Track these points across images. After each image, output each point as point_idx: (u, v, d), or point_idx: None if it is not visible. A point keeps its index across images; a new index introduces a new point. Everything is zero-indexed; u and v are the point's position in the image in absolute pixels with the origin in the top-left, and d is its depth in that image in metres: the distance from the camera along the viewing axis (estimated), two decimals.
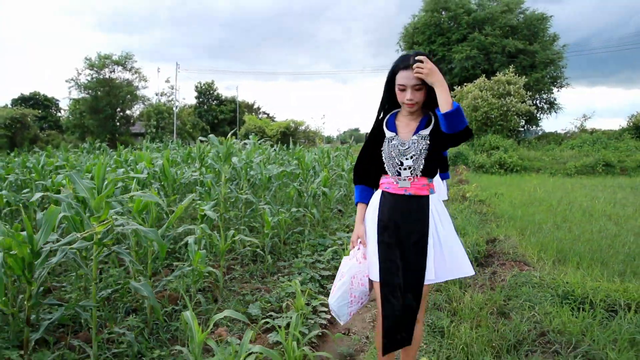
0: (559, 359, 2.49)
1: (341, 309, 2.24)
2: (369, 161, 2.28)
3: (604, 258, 4.67)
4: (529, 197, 9.92)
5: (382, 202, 2.19)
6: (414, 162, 2.10)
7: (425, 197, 2.15)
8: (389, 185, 2.19)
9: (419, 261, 2.09)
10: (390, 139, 2.18)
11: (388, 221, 2.15)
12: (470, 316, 3.11)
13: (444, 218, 2.18)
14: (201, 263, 3.36)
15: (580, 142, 20.05)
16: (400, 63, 2.09)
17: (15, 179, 5.62)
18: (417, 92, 2.06)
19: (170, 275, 3.32)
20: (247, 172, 5.43)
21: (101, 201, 2.48)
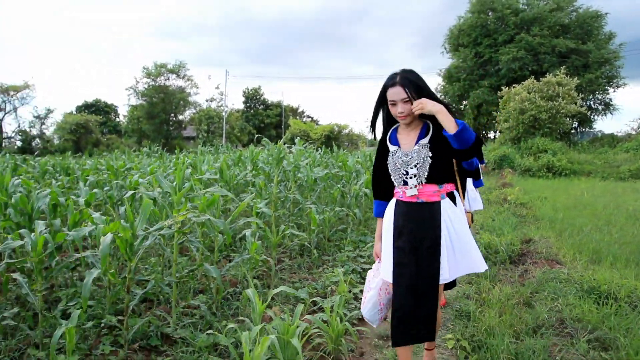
0: (571, 340, 2.78)
1: (373, 316, 2.46)
2: (381, 176, 2.44)
3: (636, 254, 4.78)
4: (574, 200, 9.83)
5: (396, 210, 2.33)
6: (419, 170, 2.21)
7: (437, 202, 2.24)
8: (399, 194, 2.33)
9: (433, 265, 2.20)
10: (394, 152, 2.31)
11: (403, 227, 2.28)
12: (497, 305, 3.43)
13: (457, 221, 2.26)
14: (257, 252, 3.88)
15: (636, 145, 19.18)
16: (388, 82, 2.25)
17: (95, 179, 6.42)
18: (406, 104, 2.19)
19: (232, 262, 3.86)
20: (295, 174, 5.95)
21: (181, 197, 3.05)
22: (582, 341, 2.74)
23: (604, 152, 19.61)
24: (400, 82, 2.19)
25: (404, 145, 2.30)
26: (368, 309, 2.45)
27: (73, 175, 7.91)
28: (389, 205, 2.43)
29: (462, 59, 30.61)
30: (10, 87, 38.90)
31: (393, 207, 2.37)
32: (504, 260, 4.82)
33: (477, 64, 29.85)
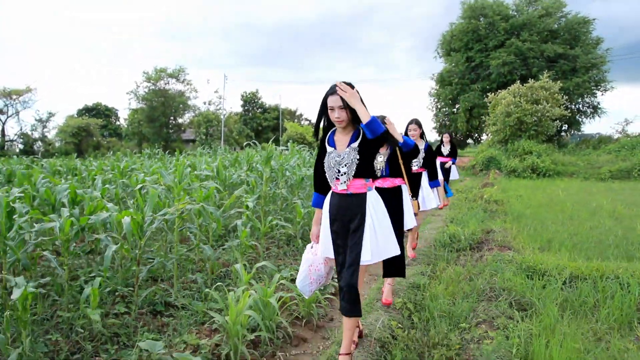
0: (496, 303, 3.42)
1: (304, 288, 2.91)
2: (320, 172, 2.82)
3: (583, 246, 5.44)
4: (548, 199, 10.49)
5: (331, 200, 2.75)
6: (348, 169, 2.61)
7: (363, 194, 2.66)
8: (334, 188, 2.73)
9: (357, 244, 2.60)
10: (330, 153, 2.70)
11: (336, 214, 2.70)
12: (446, 280, 4.08)
13: (379, 210, 2.69)
14: (246, 240, 4.52)
15: (618, 147, 19.86)
16: (329, 91, 2.61)
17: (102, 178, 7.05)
18: (342, 111, 2.56)
19: (224, 246, 4.51)
20: (284, 173, 6.59)
21: (181, 189, 3.70)
22: (504, 303, 3.38)
23: (587, 154, 20.29)
24: (338, 93, 2.54)
25: (338, 147, 2.69)
26: (300, 281, 2.92)
27: (80, 175, 8.55)
28: (327, 197, 2.82)
29: (454, 63, 31.33)
30: (13, 91, 39.51)
31: (329, 197, 2.79)
32: (465, 247, 5.48)
33: (469, 68, 30.58)
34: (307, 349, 3.25)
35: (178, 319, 3.43)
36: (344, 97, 2.47)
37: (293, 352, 3.19)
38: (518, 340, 2.65)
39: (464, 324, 3.06)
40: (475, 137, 34.02)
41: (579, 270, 4.14)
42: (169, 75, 32.30)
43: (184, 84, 32.78)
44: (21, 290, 2.50)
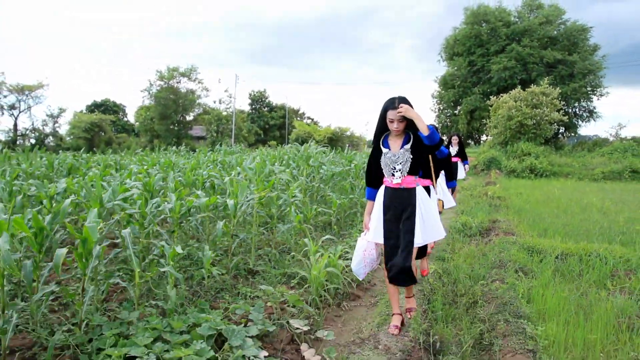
0: (504, 270, 4.48)
1: (358, 270, 3.38)
2: (374, 170, 3.27)
3: (574, 233, 6.50)
4: (545, 196, 11.55)
5: (385, 193, 3.19)
6: (402, 166, 3.07)
7: (413, 188, 3.12)
8: (387, 182, 3.17)
9: (410, 230, 3.06)
10: (386, 154, 3.15)
11: (390, 205, 3.15)
12: (464, 255, 5.14)
13: (426, 202, 3.18)
14: (299, 223, 5.55)
15: (611, 150, 20.96)
16: (389, 105, 3.04)
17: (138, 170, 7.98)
18: (400, 123, 3.04)
19: (284, 227, 5.54)
20: (319, 170, 7.64)
21: (260, 180, 4.73)
22: (511, 269, 4.44)
23: (582, 156, 21.38)
24: (399, 106, 2.99)
25: (392, 149, 3.15)
26: (355, 265, 3.39)
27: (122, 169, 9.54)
28: (380, 190, 3.25)
29: (457, 67, 32.39)
30: (25, 86, 40.33)
31: (383, 191, 3.22)
32: (475, 233, 6.54)
33: (471, 72, 31.64)
34: (361, 303, 4.29)
35: (263, 279, 4.46)
36: (405, 114, 2.97)
37: (352, 304, 4.23)
38: (523, 287, 3.71)
39: (482, 281, 4.12)
40: (475, 138, 35.07)
41: (569, 249, 5.20)
42: (181, 74, 33.29)
43: (196, 82, 33.80)
44: (170, 250, 3.53)
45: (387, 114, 3.07)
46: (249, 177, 5.27)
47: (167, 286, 3.58)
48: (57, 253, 2.55)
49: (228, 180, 5.10)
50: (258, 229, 5.16)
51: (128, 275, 3.97)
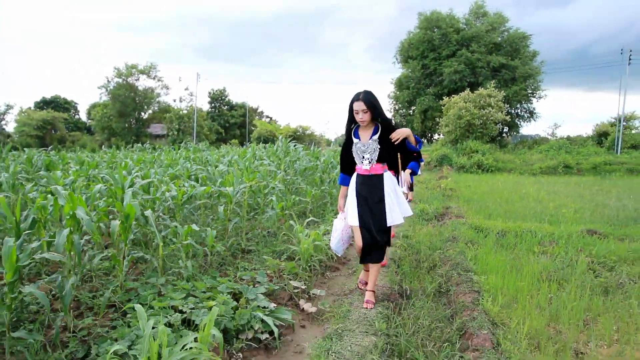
0: (456, 242, 5.42)
1: (338, 248, 3.74)
2: (346, 158, 3.56)
3: (512, 216, 7.62)
4: (490, 188, 12.87)
5: (357, 179, 3.46)
6: (371, 155, 3.36)
7: (381, 174, 3.40)
8: (359, 169, 3.45)
9: (381, 212, 3.37)
10: (356, 143, 3.43)
11: (361, 189, 3.42)
12: (424, 233, 6.06)
13: (393, 185, 3.46)
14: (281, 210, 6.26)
15: (547, 147, 23.07)
16: (355, 98, 3.28)
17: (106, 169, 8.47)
18: (365, 114, 3.26)
19: (268, 214, 6.23)
20: (293, 164, 8.36)
21: (251, 171, 5.40)
22: (462, 242, 5.39)
23: (523, 153, 23.37)
24: (362, 99, 3.25)
25: (362, 139, 3.42)
26: (335, 243, 3.75)
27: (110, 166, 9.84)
28: (353, 177, 3.54)
29: (411, 69, 34.01)
30: None
31: (355, 177, 3.53)
32: (431, 217, 7.52)
33: (424, 74, 33.36)
34: (341, 273, 5.08)
35: (257, 256, 5.15)
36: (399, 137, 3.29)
37: (333, 274, 5.01)
38: (471, 254, 4.65)
39: (439, 250, 5.03)
40: (429, 136, 36.91)
41: (507, 228, 6.26)
42: (140, 72, 32.73)
43: (155, 80, 33.35)
44: (184, 228, 4.15)
45: (353, 106, 3.32)
46: (240, 169, 5.93)
47: (179, 260, 4.21)
48: (112, 224, 3.14)
49: (220, 171, 5.72)
50: (247, 214, 5.83)
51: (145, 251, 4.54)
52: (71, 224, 2.96)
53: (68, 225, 2.93)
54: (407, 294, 3.73)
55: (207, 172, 7.04)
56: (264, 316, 3.18)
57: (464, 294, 3.48)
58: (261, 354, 3.03)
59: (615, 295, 3.71)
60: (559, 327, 3.14)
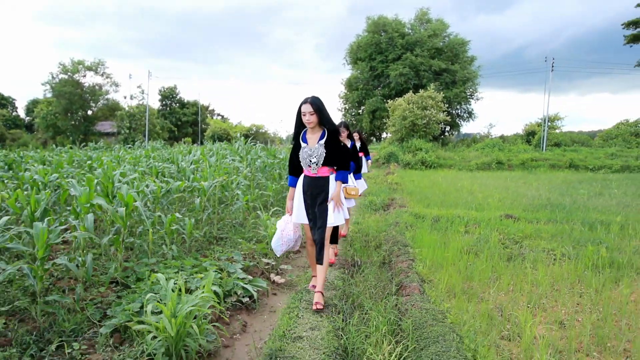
0: (398, 227, 6.38)
1: (276, 247, 3.77)
2: (294, 161, 3.63)
3: (447, 205, 8.76)
4: (431, 182, 14.17)
5: (304, 181, 3.56)
6: (317, 159, 3.45)
7: (327, 177, 3.50)
8: (306, 172, 3.56)
9: (324, 213, 3.49)
10: (304, 147, 3.51)
11: (307, 191, 3.53)
12: (372, 220, 6.98)
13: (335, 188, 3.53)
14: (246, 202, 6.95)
15: (483, 146, 25.12)
16: (303, 101, 3.43)
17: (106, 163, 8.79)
18: (312, 116, 3.39)
19: (235, 206, 6.89)
20: (255, 161, 9.04)
21: (220, 167, 6.06)
22: (403, 226, 6.36)
23: (462, 151, 25.27)
24: (310, 102, 3.41)
25: (310, 143, 3.52)
26: (274, 242, 3.82)
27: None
28: (300, 178, 3.64)
29: (360, 71, 35.35)
30: None
31: (302, 179, 3.61)
32: (379, 207, 8.49)
33: (372, 76, 34.82)
34: (302, 255, 5.87)
35: (229, 241, 5.82)
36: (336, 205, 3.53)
37: (295, 255, 5.78)
38: (409, 234, 5.61)
39: (384, 232, 5.96)
40: (377, 135, 38.53)
41: (441, 214, 7.33)
42: (87, 68, 31.63)
43: (103, 77, 32.35)
44: (168, 217, 4.75)
45: (301, 109, 3.48)
46: (211, 165, 6.55)
47: (163, 245, 4.82)
48: (119, 210, 3.74)
49: (188, 168, 6.33)
50: (218, 206, 6.47)
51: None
52: (86, 212, 3.53)
53: (84, 212, 3.50)
54: (358, 264, 4.60)
55: (175, 169, 7.61)
56: (244, 284, 3.91)
57: (402, 262, 4.39)
58: (243, 313, 3.76)
59: (516, 261, 4.78)
60: (471, 284, 4.11)
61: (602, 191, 11.57)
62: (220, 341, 3.10)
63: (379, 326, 2.88)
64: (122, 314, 3.14)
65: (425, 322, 2.80)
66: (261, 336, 3.27)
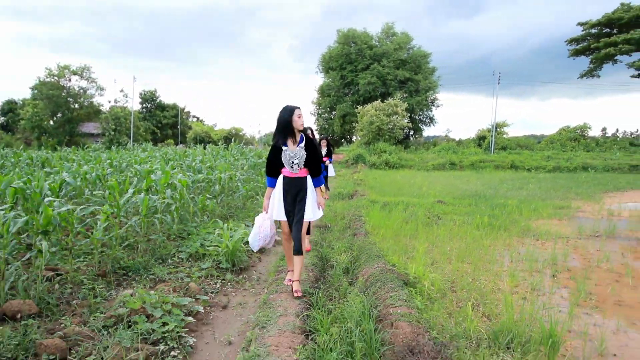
0: (359, 209, 8.74)
1: (253, 243, 4.00)
2: (273, 163, 3.84)
3: (397, 195, 11.22)
4: (391, 180, 16.70)
5: (284, 181, 3.82)
6: (299, 161, 3.76)
7: (305, 177, 3.82)
8: (287, 173, 3.80)
9: (302, 209, 3.77)
10: (285, 150, 3.76)
11: (288, 190, 3.81)
12: (339, 205, 9.34)
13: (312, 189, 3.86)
14: (245, 192, 9.13)
15: (440, 149, 28.03)
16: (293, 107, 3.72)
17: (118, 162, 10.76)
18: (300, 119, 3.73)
19: (235, 195, 9.07)
20: (247, 161, 11.24)
21: (212, 165, 8.28)
22: (362, 208, 8.73)
23: (422, 153, 28.10)
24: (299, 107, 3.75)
25: (290, 147, 3.80)
26: (251, 238, 4.03)
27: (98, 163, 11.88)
28: (279, 179, 3.87)
29: (332, 79, 37.85)
30: None
31: (282, 179, 3.86)
32: (345, 197, 10.87)
33: (343, 84, 37.38)
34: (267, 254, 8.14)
35: (237, 217, 8.00)
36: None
37: None
38: (365, 212, 7.98)
39: (348, 210, 8.31)
40: (347, 138, 41.13)
41: (390, 201, 9.76)
42: (73, 73, 32.71)
43: (89, 81, 33.48)
44: (200, 197, 6.91)
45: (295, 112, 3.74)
46: (225, 162, 8.73)
47: (195, 217, 6.99)
48: (178, 186, 5.92)
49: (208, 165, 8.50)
50: (227, 192, 8.67)
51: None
52: (164, 189, 5.68)
53: (163, 189, 5.66)
54: (329, 227, 6.93)
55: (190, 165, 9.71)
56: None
57: (357, 225, 6.75)
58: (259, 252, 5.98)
59: (431, 226, 7.22)
60: (399, 238, 6.49)
61: (522, 186, 14.39)
62: (250, 262, 5.34)
63: (340, 248, 5.22)
64: (192, 246, 5.34)
65: (364, 246, 5.15)
66: (271, 261, 5.53)
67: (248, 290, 4.42)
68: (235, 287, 4.49)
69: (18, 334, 2.91)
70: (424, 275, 4.17)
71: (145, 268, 4.70)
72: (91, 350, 2.86)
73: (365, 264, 4.55)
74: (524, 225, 7.48)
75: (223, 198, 8.23)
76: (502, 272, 4.85)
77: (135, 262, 4.71)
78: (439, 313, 3.31)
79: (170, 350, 2.98)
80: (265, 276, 4.88)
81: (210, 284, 4.46)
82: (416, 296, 3.65)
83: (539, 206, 9.56)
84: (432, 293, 3.83)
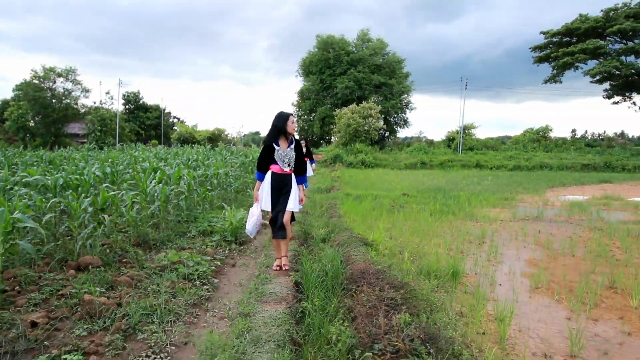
0: (335, 200, 10.18)
1: (252, 230, 4.61)
2: (265, 160, 4.42)
3: (369, 189, 12.73)
4: (365, 177, 18.24)
5: (272, 176, 4.41)
6: (290, 160, 4.38)
7: (291, 174, 4.46)
8: (276, 169, 4.37)
9: (286, 201, 4.39)
10: (278, 150, 4.34)
11: (276, 184, 4.42)
12: (319, 198, 10.77)
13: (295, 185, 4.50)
14: (237, 185, 10.45)
15: (412, 149, 29.82)
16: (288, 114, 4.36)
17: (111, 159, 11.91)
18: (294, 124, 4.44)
19: (229, 188, 10.40)
20: (237, 159, 12.55)
21: (219, 163, 9.61)
22: (338, 200, 10.18)
23: (396, 153, 29.82)
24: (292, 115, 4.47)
25: (282, 147, 4.42)
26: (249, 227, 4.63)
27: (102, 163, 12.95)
28: (267, 174, 4.47)
29: (312, 83, 39.29)
30: None
31: (270, 175, 4.45)
32: (324, 190, 12.33)
33: (322, 87, 38.88)
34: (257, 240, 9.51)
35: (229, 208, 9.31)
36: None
37: None
38: (339, 202, 9.44)
39: (326, 201, 9.75)
40: (326, 139, 42.65)
41: (362, 193, 11.25)
42: (58, 75, 33.10)
43: (74, 83, 33.89)
44: (202, 189, 8.21)
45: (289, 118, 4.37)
46: (221, 160, 10.03)
47: (198, 206, 8.29)
48: (190, 178, 7.23)
49: (207, 162, 9.79)
50: (222, 186, 9.97)
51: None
52: (177, 181, 6.98)
53: (177, 181, 6.95)
54: (309, 213, 8.36)
55: (186, 163, 10.97)
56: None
57: (333, 212, 8.20)
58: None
59: (394, 212, 8.72)
60: (365, 220, 7.95)
61: (480, 182, 16.14)
62: (248, 238, 6.70)
63: (319, 225, 6.66)
64: (202, 226, 6.67)
65: (337, 224, 6.60)
66: (263, 239, 6.91)
67: (249, 256, 5.78)
68: (239, 254, 5.85)
69: (99, 275, 4.23)
70: (380, 242, 5.63)
71: (168, 241, 6.01)
72: (149, 284, 4.19)
73: (337, 235, 6.00)
74: (468, 211, 9.07)
75: (219, 191, 9.54)
76: (441, 243, 6.36)
77: (161, 236, 6.02)
78: (385, 259, 4.78)
79: (202, 285, 4.34)
80: (260, 248, 6.25)
81: (220, 251, 5.81)
82: (372, 252, 5.10)
83: (487, 197, 11.22)
84: (385, 252, 5.29)
